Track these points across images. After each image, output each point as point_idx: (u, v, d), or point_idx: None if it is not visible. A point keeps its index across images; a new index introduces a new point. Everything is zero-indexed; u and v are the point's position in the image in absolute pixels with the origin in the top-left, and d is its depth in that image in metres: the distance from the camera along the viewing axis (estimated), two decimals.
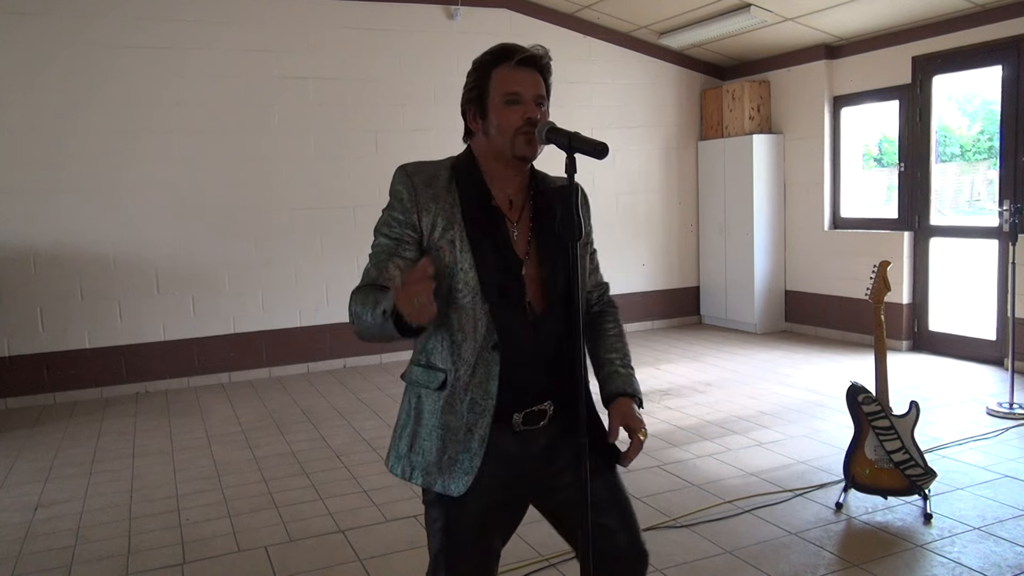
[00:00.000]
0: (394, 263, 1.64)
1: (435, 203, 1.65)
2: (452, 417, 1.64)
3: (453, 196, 1.66)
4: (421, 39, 6.70)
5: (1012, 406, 4.67)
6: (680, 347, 7.01)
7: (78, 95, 5.72)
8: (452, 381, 1.64)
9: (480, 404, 1.63)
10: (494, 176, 1.70)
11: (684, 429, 4.61)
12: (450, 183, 1.68)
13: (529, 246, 1.69)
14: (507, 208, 1.70)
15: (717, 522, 3.31)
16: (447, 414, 1.64)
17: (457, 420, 1.63)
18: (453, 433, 1.63)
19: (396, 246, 1.65)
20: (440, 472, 1.63)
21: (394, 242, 1.66)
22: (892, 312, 6.41)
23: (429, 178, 1.68)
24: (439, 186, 1.67)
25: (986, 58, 5.79)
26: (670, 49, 7.64)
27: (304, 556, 3.14)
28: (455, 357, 1.63)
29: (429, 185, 1.67)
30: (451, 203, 1.66)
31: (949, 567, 2.86)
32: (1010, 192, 5.64)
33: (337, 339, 6.58)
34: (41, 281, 5.71)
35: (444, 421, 1.64)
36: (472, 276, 1.62)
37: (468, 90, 1.70)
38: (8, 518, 3.64)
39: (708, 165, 7.90)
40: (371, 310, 1.52)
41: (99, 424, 5.18)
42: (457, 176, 1.69)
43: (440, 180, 1.68)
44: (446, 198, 1.66)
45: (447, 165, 1.72)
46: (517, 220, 1.70)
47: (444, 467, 1.63)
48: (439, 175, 1.69)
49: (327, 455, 4.37)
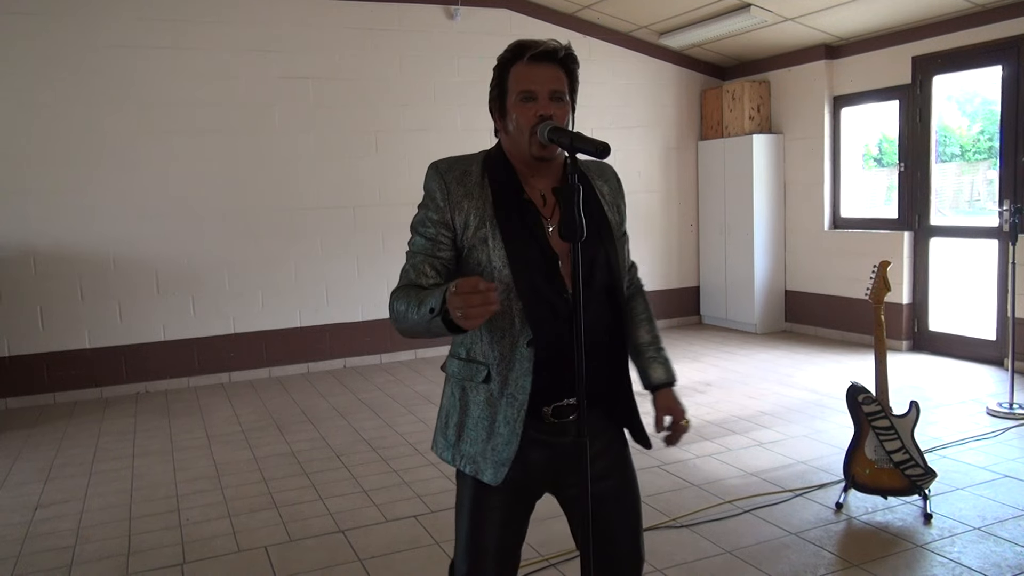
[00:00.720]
0: (431, 264, 1.67)
1: (468, 200, 1.65)
2: (493, 409, 1.68)
3: (485, 192, 1.66)
4: (421, 39, 6.70)
5: (1012, 406, 4.67)
6: (680, 347, 7.01)
7: (78, 95, 5.72)
8: (494, 375, 1.67)
9: (516, 398, 1.65)
10: (525, 171, 1.70)
11: None
12: (482, 179, 1.68)
13: None
14: (540, 203, 1.69)
15: (717, 522, 3.31)
16: (490, 406, 1.68)
17: (497, 413, 1.67)
18: (494, 424, 1.67)
19: (432, 247, 1.67)
20: (484, 460, 1.68)
21: (430, 242, 1.67)
22: (892, 312, 6.41)
23: (461, 175, 1.68)
24: (471, 183, 1.67)
25: (986, 58, 5.79)
26: (670, 49, 7.64)
27: (304, 556, 3.14)
28: (493, 352, 1.66)
29: (461, 182, 1.67)
30: (483, 199, 1.66)
31: (949, 567, 2.86)
32: (1010, 192, 5.64)
33: (337, 339, 6.58)
34: (41, 281, 5.71)
35: (488, 413, 1.68)
36: (506, 273, 1.62)
37: (491, 89, 1.71)
38: (8, 518, 3.64)
39: (708, 165, 7.90)
40: (416, 308, 1.55)
41: (99, 424, 5.18)
42: (489, 171, 1.69)
43: (472, 176, 1.68)
44: (479, 195, 1.66)
45: (479, 160, 1.71)
46: (551, 215, 1.69)
47: (488, 456, 1.68)
48: (471, 171, 1.69)
49: (327, 455, 4.37)
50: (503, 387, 1.66)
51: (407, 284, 1.67)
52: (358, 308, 6.64)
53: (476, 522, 1.73)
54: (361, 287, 6.62)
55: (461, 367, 1.73)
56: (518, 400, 1.65)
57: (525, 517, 1.78)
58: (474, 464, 1.70)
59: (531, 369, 1.63)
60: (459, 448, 1.73)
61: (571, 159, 1.52)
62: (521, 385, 1.65)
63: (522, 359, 1.64)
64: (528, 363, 1.64)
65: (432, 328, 1.51)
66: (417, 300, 1.56)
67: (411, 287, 1.65)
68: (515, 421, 1.65)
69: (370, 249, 6.64)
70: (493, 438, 1.67)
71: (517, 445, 1.65)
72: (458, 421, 1.73)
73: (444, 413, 1.79)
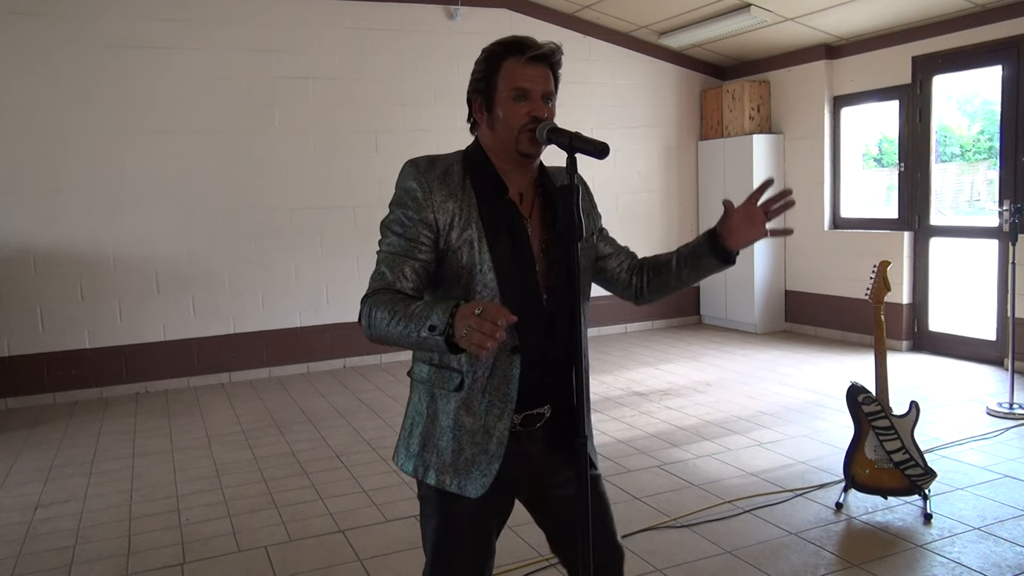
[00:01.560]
0: (410, 267, 1.58)
1: (452, 201, 1.59)
2: (469, 418, 1.61)
3: (468, 193, 1.61)
4: (421, 39, 6.70)
5: (1012, 406, 4.67)
6: (680, 347, 7.01)
7: (78, 95, 5.72)
8: (469, 383, 1.61)
9: (498, 406, 1.60)
10: (504, 170, 1.66)
11: (684, 429, 4.61)
12: (464, 179, 1.63)
13: (544, 244, 1.66)
14: (518, 203, 1.66)
15: (717, 522, 3.31)
16: (464, 415, 1.61)
17: (475, 422, 1.61)
18: (470, 435, 1.61)
19: (411, 247, 1.59)
20: (456, 473, 1.62)
21: (409, 243, 1.59)
22: (892, 312, 6.41)
23: (443, 175, 1.61)
24: (454, 183, 1.61)
25: (986, 58, 5.79)
26: (670, 49, 7.64)
27: (304, 556, 3.13)
28: (472, 359, 1.59)
29: (444, 182, 1.61)
30: (468, 201, 1.60)
31: (949, 567, 2.86)
32: (1010, 192, 5.64)
33: (337, 339, 6.58)
34: (41, 281, 5.71)
35: (461, 422, 1.61)
36: (491, 278, 1.58)
37: (476, 79, 1.66)
38: (8, 518, 3.64)
39: (708, 165, 7.90)
40: (404, 320, 1.46)
41: (99, 424, 5.18)
42: (471, 171, 1.64)
43: (454, 176, 1.62)
44: (462, 196, 1.60)
45: (458, 159, 1.66)
46: (529, 216, 1.66)
47: (461, 468, 1.61)
48: (452, 170, 1.63)
49: (327, 455, 4.37)
50: (482, 395, 1.60)
51: (383, 288, 1.57)
52: (358, 308, 6.62)
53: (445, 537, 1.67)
54: (361, 287, 6.50)
55: (432, 373, 1.66)
56: (502, 409, 1.60)
57: (495, 531, 1.73)
58: (442, 475, 1.62)
59: (518, 376, 1.60)
60: (423, 457, 1.65)
61: (570, 159, 1.52)
62: (505, 393, 1.60)
63: (506, 367, 1.60)
64: (515, 370, 1.60)
65: (425, 344, 1.43)
66: (405, 312, 1.47)
67: (391, 293, 1.55)
68: (499, 431, 1.60)
69: (370, 249, 6.55)
70: (468, 448, 1.61)
71: (503, 455, 1.60)
72: (423, 431, 1.66)
73: (408, 422, 1.71)
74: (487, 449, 1.61)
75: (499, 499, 1.69)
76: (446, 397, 1.63)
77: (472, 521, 1.67)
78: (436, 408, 1.65)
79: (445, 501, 1.65)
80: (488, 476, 1.60)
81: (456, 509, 1.65)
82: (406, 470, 1.69)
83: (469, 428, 1.61)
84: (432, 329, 1.40)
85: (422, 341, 1.43)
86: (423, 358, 1.69)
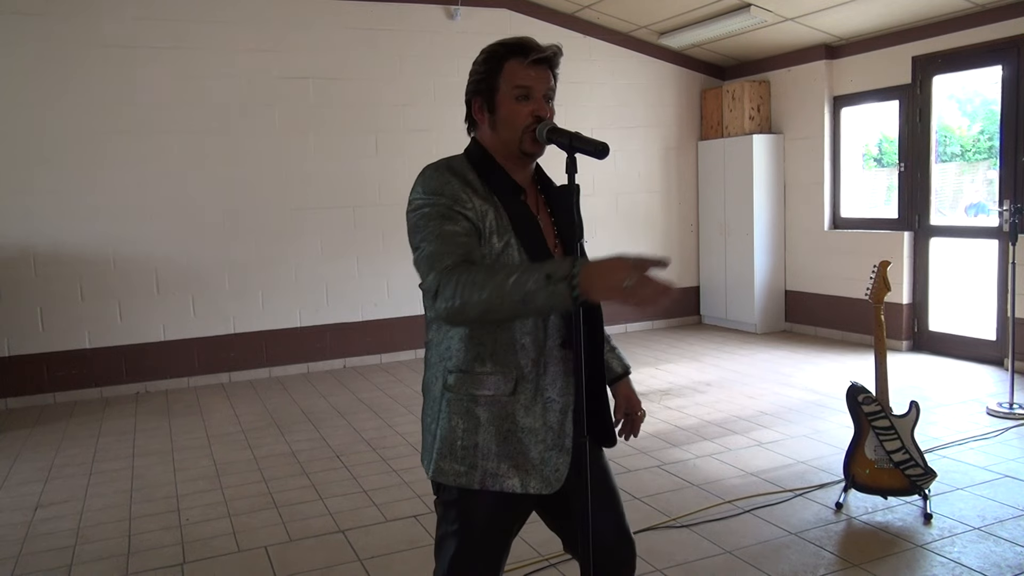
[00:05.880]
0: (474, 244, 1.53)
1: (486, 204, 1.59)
2: (529, 419, 1.61)
3: (491, 196, 1.62)
4: (421, 39, 6.70)
5: (1012, 406, 4.67)
6: (680, 347, 7.01)
7: (78, 95, 5.72)
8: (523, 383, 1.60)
9: (558, 402, 1.62)
10: (509, 169, 1.67)
11: (684, 429, 4.61)
12: (482, 182, 1.63)
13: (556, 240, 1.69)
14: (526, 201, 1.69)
15: (717, 522, 3.31)
16: (524, 416, 1.60)
17: (535, 421, 1.61)
18: (534, 434, 1.60)
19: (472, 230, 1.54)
20: (528, 473, 1.60)
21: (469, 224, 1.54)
22: (892, 312, 6.41)
23: (464, 181, 1.60)
24: (478, 185, 1.61)
25: (986, 58, 5.79)
26: (670, 49, 7.64)
27: (304, 556, 3.14)
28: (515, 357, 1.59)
29: (468, 184, 1.60)
30: (492, 203, 1.60)
31: (949, 567, 2.86)
32: (1010, 192, 5.64)
33: (337, 339, 6.58)
34: (41, 281, 5.71)
35: (522, 424, 1.60)
36: None
37: (476, 80, 1.66)
38: (8, 518, 3.64)
39: (708, 165, 7.90)
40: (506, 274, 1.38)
41: (99, 424, 5.18)
42: (483, 173, 1.64)
43: (473, 181, 1.62)
44: (488, 199, 1.60)
45: (464, 163, 1.66)
46: (537, 214, 1.69)
47: (534, 468, 1.60)
48: (468, 175, 1.62)
49: (327, 455, 4.37)
50: (536, 394, 1.60)
51: (464, 260, 1.49)
52: (358, 308, 6.63)
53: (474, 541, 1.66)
54: (361, 287, 6.62)
55: (468, 381, 1.61)
56: (561, 404, 1.62)
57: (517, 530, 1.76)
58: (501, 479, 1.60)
59: (570, 370, 1.61)
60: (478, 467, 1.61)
61: (570, 159, 1.53)
62: (561, 388, 1.62)
63: (555, 361, 1.62)
64: (567, 364, 1.61)
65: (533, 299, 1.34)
66: (507, 269, 1.41)
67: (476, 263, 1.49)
68: (567, 425, 1.62)
69: (370, 249, 6.64)
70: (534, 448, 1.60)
71: (572, 451, 1.61)
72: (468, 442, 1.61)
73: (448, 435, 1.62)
74: (561, 446, 1.62)
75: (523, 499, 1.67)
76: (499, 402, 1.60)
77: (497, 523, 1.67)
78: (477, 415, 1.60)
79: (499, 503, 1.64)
80: (562, 470, 1.62)
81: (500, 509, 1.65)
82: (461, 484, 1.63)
83: (533, 428, 1.60)
84: (549, 278, 1.33)
85: (529, 295, 1.34)
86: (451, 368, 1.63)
